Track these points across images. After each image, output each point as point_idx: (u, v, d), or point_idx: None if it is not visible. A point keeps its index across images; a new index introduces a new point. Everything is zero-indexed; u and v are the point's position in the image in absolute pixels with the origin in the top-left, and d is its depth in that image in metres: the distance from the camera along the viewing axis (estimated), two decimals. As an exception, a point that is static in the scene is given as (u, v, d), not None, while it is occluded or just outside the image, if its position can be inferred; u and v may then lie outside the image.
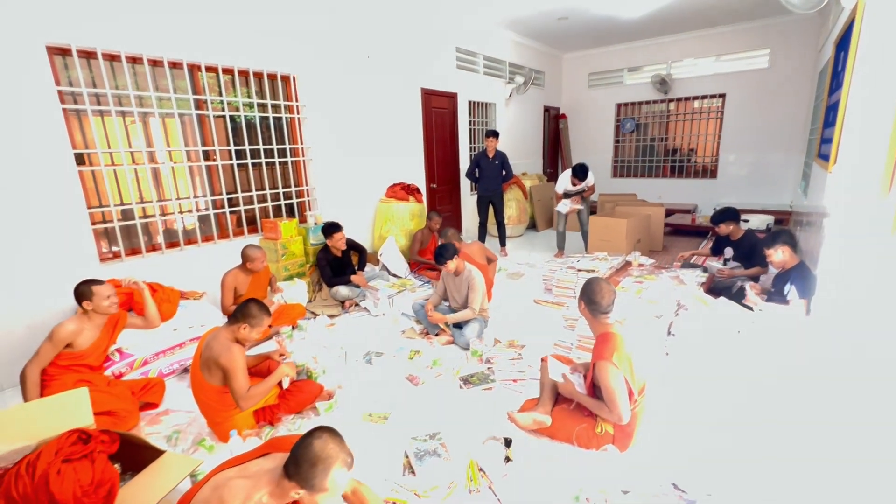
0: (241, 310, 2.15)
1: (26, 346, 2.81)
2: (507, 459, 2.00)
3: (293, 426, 2.32)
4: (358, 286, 4.10)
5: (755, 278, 3.70)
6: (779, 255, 2.91)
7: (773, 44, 6.91)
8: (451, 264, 3.19)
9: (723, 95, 7.57)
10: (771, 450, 2.01)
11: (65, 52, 2.92)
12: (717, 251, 4.12)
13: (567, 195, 5.36)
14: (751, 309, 2.89)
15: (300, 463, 1.16)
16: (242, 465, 1.31)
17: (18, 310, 2.81)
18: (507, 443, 2.06)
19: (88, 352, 2.42)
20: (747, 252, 3.78)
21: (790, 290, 2.78)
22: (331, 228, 3.97)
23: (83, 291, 2.42)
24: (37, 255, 2.86)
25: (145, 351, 2.82)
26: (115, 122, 3.22)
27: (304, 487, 1.16)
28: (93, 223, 3.13)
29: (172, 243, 3.62)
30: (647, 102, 8.38)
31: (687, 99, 7.98)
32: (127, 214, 3.36)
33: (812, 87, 6.32)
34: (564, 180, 5.31)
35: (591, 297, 1.99)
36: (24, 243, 2.81)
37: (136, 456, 1.88)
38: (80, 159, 3.03)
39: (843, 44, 3.19)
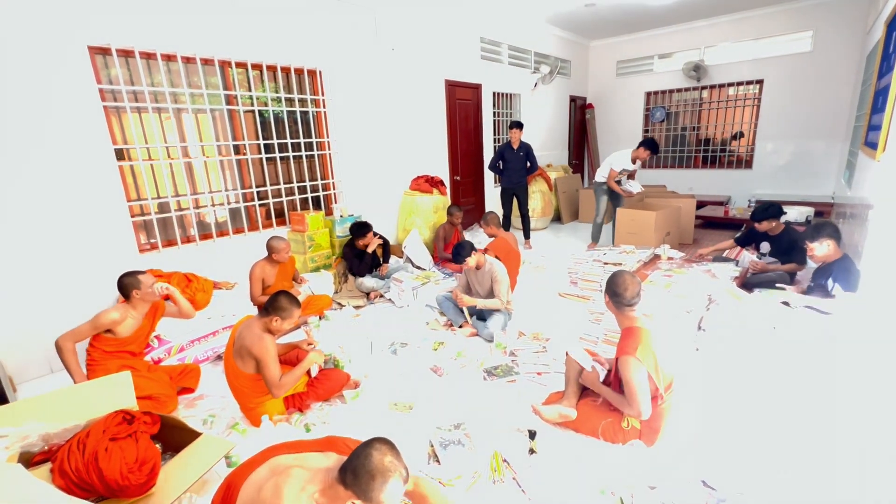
0: (272, 303, 2.21)
1: (74, 331, 2.99)
2: (532, 451, 2.00)
3: (321, 413, 2.39)
4: (383, 277, 4.16)
5: (791, 274, 3.55)
6: (823, 249, 2.78)
7: (817, 25, 6.53)
8: (471, 260, 3.21)
9: (760, 81, 7.22)
10: (803, 449, 1.94)
11: (105, 52, 3.05)
12: (745, 242, 3.94)
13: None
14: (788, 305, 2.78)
15: (359, 474, 1.15)
16: (300, 455, 1.32)
17: (66, 299, 2.98)
18: (532, 435, 2.07)
19: (131, 339, 2.54)
20: (785, 248, 3.62)
21: (834, 286, 2.65)
22: (361, 228, 4.02)
23: (130, 282, 2.52)
24: (82, 247, 3.02)
25: (182, 338, 2.94)
26: (152, 118, 3.35)
27: (360, 498, 1.16)
28: (132, 216, 3.27)
29: (205, 235, 3.75)
30: (679, 90, 8.09)
31: (721, 86, 7.65)
32: (163, 207, 3.50)
33: (859, 71, 5.95)
34: (623, 159, 5.05)
35: (615, 290, 1.97)
36: (70, 236, 2.97)
37: (175, 437, 1.98)
38: (119, 154, 3.17)
39: (896, 23, 2.99)
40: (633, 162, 5.07)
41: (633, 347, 1.86)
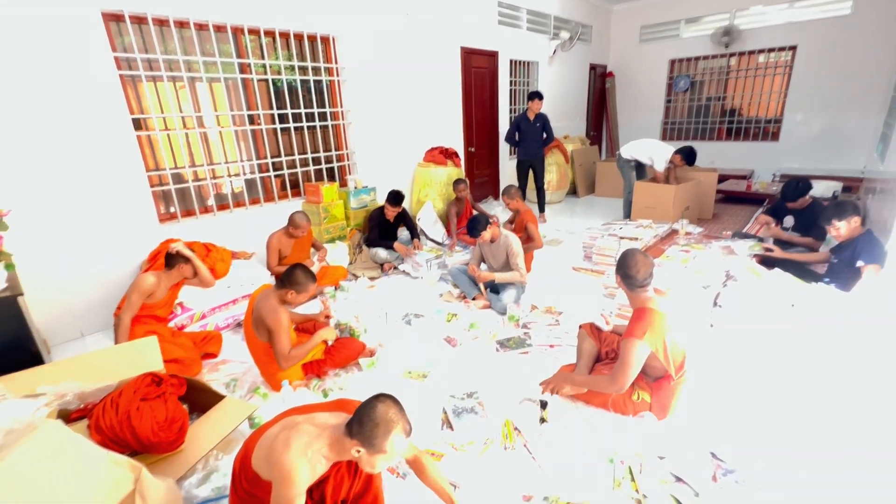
0: (289, 276, 2.24)
1: (100, 297, 3.11)
2: (542, 420, 2.05)
3: (338, 380, 2.47)
4: (397, 251, 4.18)
5: (809, 249, 3.47)
6: (849, 227, 2.71)
7: (860, -14, 6.10)
8: (486, 234, 3.20)
9: (793, 48, 6.83)
10: (817, 425, 1.95)
11: (118, 19, 3.01)
12: (775, 216, 3.81)
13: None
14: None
15: (364, 422, 1.23)
16: (310, 415, 1.40)
17: (92, 266, 3.08)
18: (543, 405, 2.11)
19: (160, 304, 2.65)
20: (810, 222, 3.52)
21: (859, 259, 2.61)
22: (398, 198, 4.05)
23: (178, 258, 2.65)
24: (105, 217, 3.09)
25: (203, 306, 3.04)
26: (167, 87, 3.34)
27: (364, 446, 1.23)
28: (151, 186, 3.32)
29: (223, 206, 3.80)
30: (705, 58, 7.72)
31: (751, 52, 7.27)
32: (180, 178, 3.54)
33: (902, 36, 5.58)
34: (668, 153, 4.87)
35: (627, 272, 1.91)
36: (94, 206, 3.04)
37: (200, 399, 2.07)
38: (136, 124, 3.19)
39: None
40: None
41: (641, 331, 1.81)
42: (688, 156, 4.73)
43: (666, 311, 1.90)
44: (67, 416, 1.79)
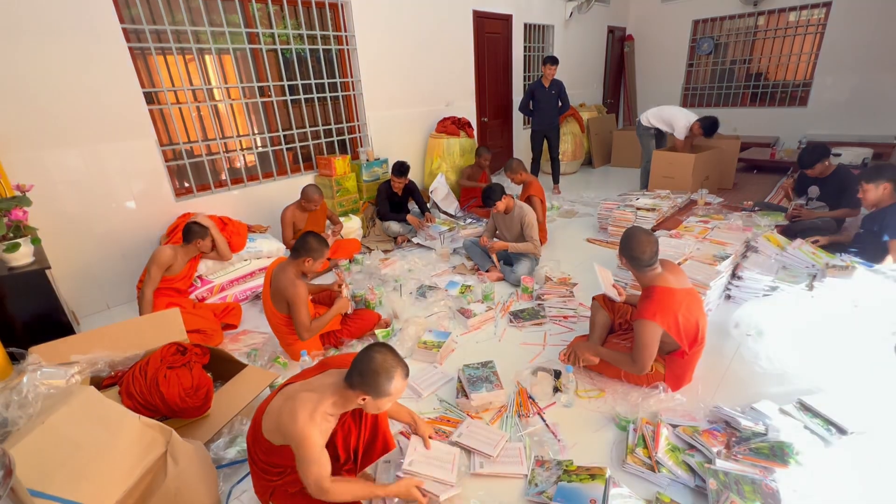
0: (302, 245, 2.26)
1: (123, 270, 3.19)
2: (556, 390, 2.08)
3: (354, 349, 2.53)
4: (410, 224, 4.18)
5: (839, 221, 3.35)
6: (877, 192, 2.59)
7: (905, -67, 5.64)
8: (501, 205, 3.17)
9: (828, 4, 6.41)
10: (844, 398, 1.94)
11: (124, -12, 2.96)
12: (801, 191, 3.71)
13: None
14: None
15: (365, 373, 1.31)
16: (305, 381, 1.46)
17: (114, 241, 3.16)
18: (557, 374, 2.13)
19: (179, 276, 2.73)
20: (835, 191, 3.39)
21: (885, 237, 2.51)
22: (397, 171, 4.00)
23: (199, 231, 2.73)
24: (123, 193, 3.14)
25: (222, 278, 3.10)
26: (177, 59, 3.30)
27: (369, 394, 1.31)
28: (165, 161, 3.34)
29: (236, 180, 3.82)
30: (731, 17, 7.31)
31: (781, 10, 6.85)
32: (193, 152, 3.55)
33: (949, -12, 5.19)
34: (689, 120, 4.63)
35: (632, 253, 1.86)
36: (111, 182, 3.08)
37: (223, 368, 2.15)
38: (148, 98, 3.18)
39: None
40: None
41: (652, 312, 1.79)
42: (709, 128, 4.46)
43: (677, 286, 1.87)
44: (100, 383, 1.87)
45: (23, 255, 2.16)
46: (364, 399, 1.32)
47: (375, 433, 1.52)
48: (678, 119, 4.68)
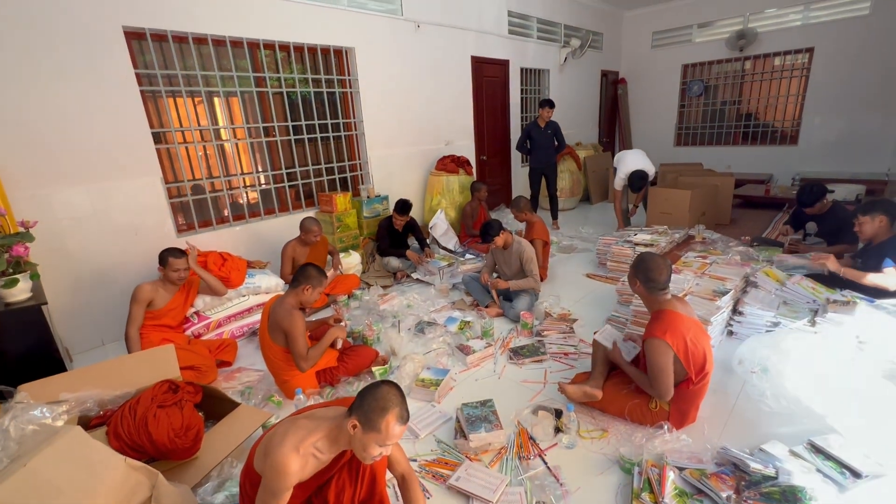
0: (301, 273, 2.29)
1: (120, 306, 3.16)
2: (558, 430, 2.01)
3: (351, 388, 2.47)
4: (409, 260, 4.20)
5: (838, 257, 3.35)
6: (874, 225, 2.62)
7: (878, -15, 6.00)
8: (499, 239, 3.20)
9: (810, 50, 6.72)
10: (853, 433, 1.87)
11: (139, 37, 3.12)
12: (797, 225, 3.75)
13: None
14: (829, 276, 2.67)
15: (365, 398, 1.29)
16: (311, 411, 1.44)
17: (113, 276, 3.17)
18: (558, 414, 2.07)
19: (164, 311, 2.69)
20: (833, 227, 3.42)
21: (886, 264, 2.51)
22: (400, 209, 4.07)
23: (163, 257, 2.69)
24: (124, 229, 3.18)
25: (220, 314, 3.08)
26: (185, 101, 3.44)
27: (360, 423, 1.26)
28: (169, 197, 3.40)
29: (238, 216, 3.87)
30: (719, 62, 7.64)
31: (767, 56, 7.17)
32: (198, 189, 3.62)
33: (924, 35, 5.45)
34: (625, 171, 4.83)
35: (648, 275, 1.91)
36: (114, 218, 3.13)
37: (215, 407, 2.09)
38: (156, 138, 3.28)
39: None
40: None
41: (661, 330, 1.82)
42: (632, 183, 4.69)
43: (685, 312, 1.88)
44: (88, 423, 1.82)
45: (20, 291, 2.16)
46: (354, 426, 1.27)
47: (372, 493, 1.45)
48: (620, 169, 4.88)
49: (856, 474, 1.63)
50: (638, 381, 1.99)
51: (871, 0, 6.09)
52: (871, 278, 2.50)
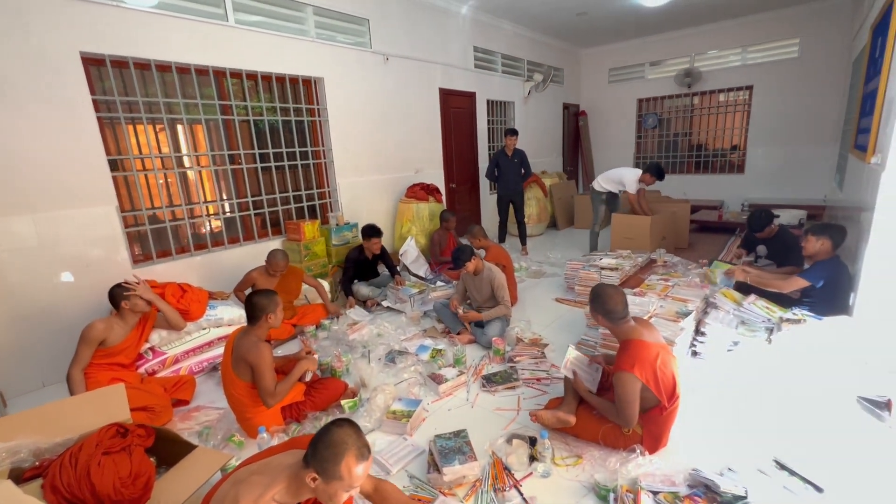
0: (254, 307, 2.16)
1: (65, 345, 2.93)
2: (532, 458, 1.98)
3: (318, 423, 2.35)
4: (380, 287, 4.14)
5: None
6: (816, 245, 2.82)
7: (804, 32, 6.67)
8: (470, 265, 3.21)
9: (750, 87, 7.34)
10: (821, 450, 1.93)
11: (99, 63, 3.04)
12: (749, 248, 3.99)
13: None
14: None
15: (317, 447, 1.20)
16: (264, 461, 1.33)
17: (58, 313, 2.94)
18: (532, 442, 2.04)
19: (119, 349, 2.52)
20: (781, 249, 3.65)
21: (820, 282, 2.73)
22: (371, 231, 4.04)
23: (118, 293, 2.52)
24: (74, 261, 2.99)
25: (177, 349, 2.90)
26: (146, 128, 3.34)
27: (319, 474, 1.18)
28: (126, 226, 3.24)
29: (200, 245, 3.73)
30: (670, 97, 8.20)
31: (712, 92, 7.76)
32: (157, 218, 3.47)
33: (846, 76, 6.05)
34: (636, 174, 4.97)
35: (605, 307, 1.95)
36: (63, 250, 2.94)
37: (170, 450, 1.94)
38: (113, 165, 3.15)
39: (882, 28, 3.05)
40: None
41: (629, 364, 1.83)
42: (657, 172, 4.84)
43: (652, 340, 1.91)
44: (20, 476, 1.64)
45: (-51, 330, 1.97)
46: (315, 480, 1.18)
47: None
48: (626, 175, 5.07)
49: (817, 489, 1.68)
50: (602, 410, 1.99)
51: (799, 45, 6.75)
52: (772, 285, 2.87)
